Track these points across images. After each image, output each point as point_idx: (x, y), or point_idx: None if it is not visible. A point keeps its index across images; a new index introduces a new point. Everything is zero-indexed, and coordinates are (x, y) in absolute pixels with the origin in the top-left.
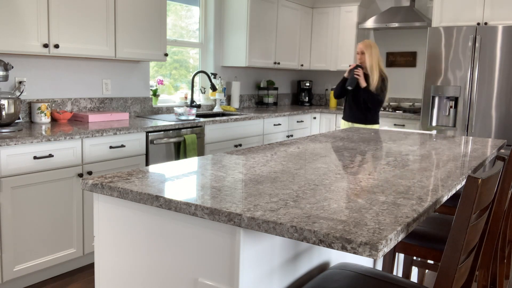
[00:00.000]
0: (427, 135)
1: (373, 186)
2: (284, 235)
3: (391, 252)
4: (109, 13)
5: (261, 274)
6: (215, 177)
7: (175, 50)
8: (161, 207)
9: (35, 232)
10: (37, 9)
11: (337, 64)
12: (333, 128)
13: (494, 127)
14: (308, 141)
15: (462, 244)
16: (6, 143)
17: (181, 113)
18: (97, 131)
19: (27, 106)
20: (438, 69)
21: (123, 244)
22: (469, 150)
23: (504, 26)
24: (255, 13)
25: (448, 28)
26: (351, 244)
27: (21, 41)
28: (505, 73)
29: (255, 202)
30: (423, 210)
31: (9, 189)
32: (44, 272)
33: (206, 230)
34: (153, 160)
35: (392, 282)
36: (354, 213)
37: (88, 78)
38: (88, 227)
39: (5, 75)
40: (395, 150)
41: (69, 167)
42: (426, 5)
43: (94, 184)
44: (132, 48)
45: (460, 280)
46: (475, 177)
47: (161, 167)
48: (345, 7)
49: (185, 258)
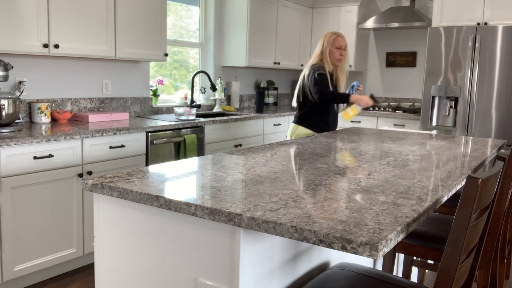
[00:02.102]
0: (427, 135)
1: (373, 186)
2: (284, 235)
3: (391, 252)
4: (109, 13)
5: (261, 274)
6: (215, 177)
7: (175, 50)
8: (161, 207)
9: (35, 232)
10: (37, 9)
11: None
12: None
13: (494, 127)
14: (308, 141)
15: (462, 244)
16: (6, 143)
17: (181, 113)
18: (97, 131)
19: (27, 106)
20: (438, 69)
21: (123, 244)
22: (469, 150)
23: (504, 26)
24: (255, 13)
25: (448, 28)
26: (351, 244)
27: (21, 41)
28: (505, 73)
29: (255, 202)
30: (423, 210)
31: (9, 189)
32: (44, 272)
33: (206, 230)
34: (153, 160)
35: (392, 282)
36: (354, 213)
37: (88, 78)
38: (88, 227)
39: (5, 75)
40: (395, 150)
41: (69, 167)
42: (426, 5)
43: (94, 184)
44: (132, 48)
45: (460, 280)
46: (475, 177)
47: (161, 167)
48: (345, 7)
49: (185, 258)
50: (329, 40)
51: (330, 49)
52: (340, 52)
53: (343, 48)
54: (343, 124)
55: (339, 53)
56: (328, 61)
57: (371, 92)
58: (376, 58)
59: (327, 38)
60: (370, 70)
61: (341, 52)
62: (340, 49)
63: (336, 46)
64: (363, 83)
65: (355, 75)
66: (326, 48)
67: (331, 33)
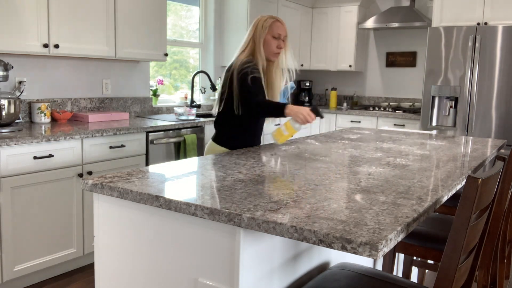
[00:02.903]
0: (427, 135)
1: (373, 186)
2: (284, 235)
3: (391, 252)
4: (109, 13)
5: (261, 274)
6: (215, 177)
7: (175, 50)
8: (161, 207)
9: (35, 232)
10: (37, 9)
11: (337, 64)
12: (333, 128)
13: (494, 127)
14: (308, 141)
15: (462, 244)
16: (6, 143)
17: (181, 113)
18: (97, 131)
19: (27, 106)
20: (438, 69)
21: (123, 244)
22: (469, 150)
23: (504, 26)
24: (255, 13)
25: (448, 28)
26: (351, 244)
27: (21, 41)
28: (505, 73)
29: (255, 202)
30: (423, 210)
31: (9, 189)
32: (44, 272)
33: (206, 230)
34: (153, 160)
35: (392, 282)
36: (354, 213)
37: (88, 78)
38: (88, 227)
39: (5, 75)
40: (395, 150)
41: (69, 167)
42: (426, 5)
43: (94, 184)
44: (132, 48)
45: (460, 280)
46: (475, 177)
47: (161, 167)
48: (345, 7)
49: (185, 258)
50: (265, 25)
51: (266, 37)
52: (278, 44)
53: (282, 39)
54: (342, 124)
55: (277, 44)
56: (262, 54)
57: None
58: (376, 58)
59: (261, 22)
60: (370, 70)
61: (279, 44)
62: (279, 40)
63: (274, 34)
64: (363, 83)
65: (355, 75)
66: (260, 36)
67: (268, 16)
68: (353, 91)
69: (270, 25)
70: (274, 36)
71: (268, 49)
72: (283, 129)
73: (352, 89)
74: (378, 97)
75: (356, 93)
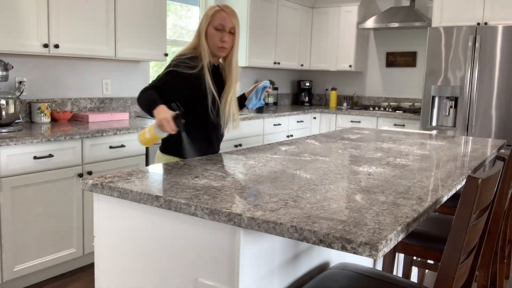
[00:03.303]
0: (427, 135)
1: (373, 186)
2: (284, 235)
3: (391, 252)
4: (109, 13)
5: (261, 274)
6: (215, 177)
7: (175, 50)
8: (161, 207)
9: (35, 232)
10: (37, 9)
11: (337, 64)
12: (333, 128)
13: (494, 127)
14: (308, 141)
15: (462, 244)
16: (6, 143)
17: None
18: (97, 131)
19: (27, 106)
20: (438, 69)
21: (123, 244)
22: (469, 150)
23: (504, 26)
24: (255, 13)
25: (448, 28)
26: (351, 244)
27: (21, 41)
28: (505, 73)
29: (255, 202)
30: (423, 210)
31: (9, 189)
32: (44, 272)
33: (206, 230)
34: (153, 160)
35: (392, 282)
36: (354, 213)
37: (88, 78)
38: (88, 227)
39: (5, 75)
40: (395, 150)
41: (69, 167)
42: (426, 5)
43: (94, 184)
44: (132, 48)
45: (460, 280)
46: (475, 177)
47: (161, 167)
48: (345, 7)
49: (185, 258)
50: (207, 15)
51: (208, 29)
52: (222, 37)
53: (227, 31)
54: (342, 124)
55: (220, 37)
56: (205, 47)
57: (181, 110)
58: (376, 58)
59: (205, 12)
60: (370, 70)
61: (223, 37)
62: (223, 32)
63: (216, 25)
64: (363, 83)
65: (355, 75)
66: (203, 28)
67: (215, 5)
68: (353, 91)
69: (212, 15)
70: (216, 28)
71: (211, 42)
72: (146, 130)
73: (352, 89)
74: (378, 97)
75: (356, 93)
